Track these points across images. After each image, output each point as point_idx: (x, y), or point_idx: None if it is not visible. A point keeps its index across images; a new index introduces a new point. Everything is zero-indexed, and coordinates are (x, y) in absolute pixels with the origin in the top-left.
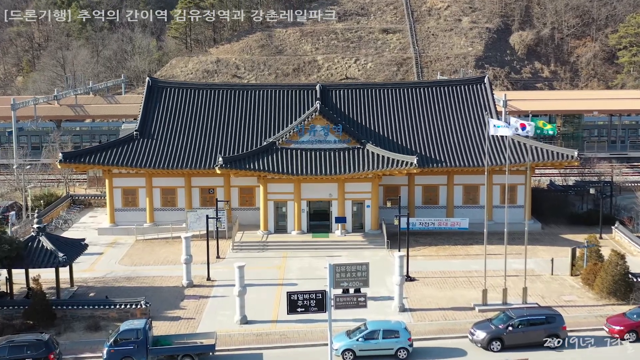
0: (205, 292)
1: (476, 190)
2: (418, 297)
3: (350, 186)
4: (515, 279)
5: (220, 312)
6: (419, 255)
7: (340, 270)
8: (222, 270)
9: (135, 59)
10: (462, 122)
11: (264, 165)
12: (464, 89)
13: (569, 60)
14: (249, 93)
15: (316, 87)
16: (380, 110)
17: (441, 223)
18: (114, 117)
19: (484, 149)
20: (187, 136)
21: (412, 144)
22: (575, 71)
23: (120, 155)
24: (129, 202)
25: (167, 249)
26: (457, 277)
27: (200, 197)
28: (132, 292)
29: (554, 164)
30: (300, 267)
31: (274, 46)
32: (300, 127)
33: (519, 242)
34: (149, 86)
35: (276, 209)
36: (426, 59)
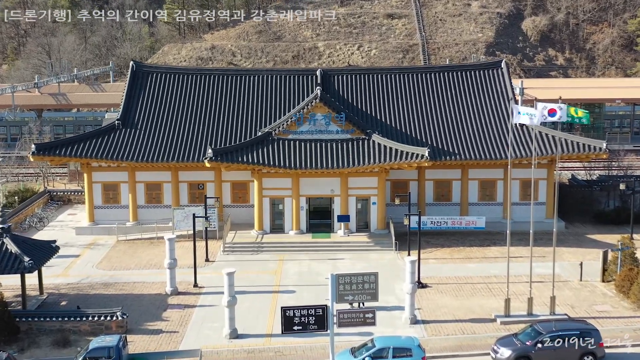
0: (192, 300)
1: (493, 185)
2: (431, 306)
3: (355, 181)
4: (539, 286)
5: (208, 324)
6: (430, 258)
7: (344, 281)
8: (211, 275)
9: (126, 45)
10: (477, 110)
11: (258, 158)
12: (478, 75)
13: (585, 47)
14: (243, 79)
15: (317, 72)
16: (388, 98)
17: (455, 222)
18: (101, 107)
19: (502, 139)
20: (175, 126)
21: (422, 134)
22: (592, 59)
23: (100, 146)
24: (109, 198)
25: (151, 251)
26: (475, 284)
27: (189, 193)
28: (109, 300)
29: (580, 157)
30: (298, 272)
31: (272, 32)
32: (298, 116)
33: (541, 243)
34: (133, 71)
35: (272, 207)
36: (433, 46)
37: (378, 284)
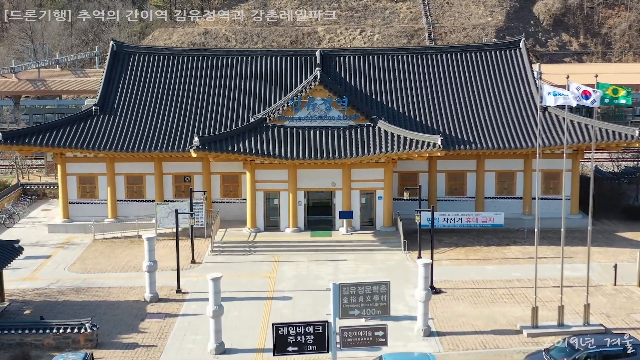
0: (174, 308)
1: (512, 177)
2: (447, 315)
3: (358, 173)
4: (568, 291)
5: (191, 336)
6: (444, 259)
7: (350, 292)
8: (196, 279)
9: (114, 30)
10: (494, 94)
11: (250, 147)
12: (494, 56)
13: (600, 32)
14: (235, 60)
15: (316, 53)
16: (395, 81)
17: (470, 219)
18: (84, 94)
19: (522, 126)
20: (159, 112)
21: (433, 120)
22: (608, 44)
23: (75, 134)
24: (85, 192)
25: (130, 251)
26: (495, 288)
27: (174, 187)
28: (80, 309)
29: (609, 146)
30: (295, 275)
31: (269, 15)
32: (296, 100)
33: (566, 242)
34: (114, 51)
35: (266, 202)
36: (440, 30)
37: (390, 295)
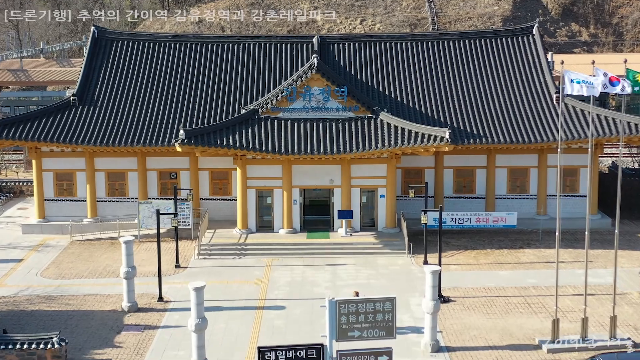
0: (154, 319)
1: (525, 174)
2: (457, 327)
3: (359, 169)
4: (590, 300)
5: (171, 352)
6: (452, 264)
7: (349, 310)
8: (180, 285)
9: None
10: (505, 84)
11: (241, 141)
12: (505, 42)
13: (611, 22)
14: (226, 48)
15: (313, 39)
16: (398, 70)
17: (480, 219)
18: (68, 84)
19: (537, 119)
20: (143, 103)
21: (439, 112)
22: (619, 34)
23: (52, 127)
24: (63, 190)
25: (110, 254)
26: (509, 297)
27: (159, 184)
28: (50, 320)
29: (632, 140)
30: (289, 282)
31: (265, 4)
32: (291, 90)
33: (585, 244)
34: (95, 37)
35: (259, 200)
36: (444, 20)
37: (395, 313)
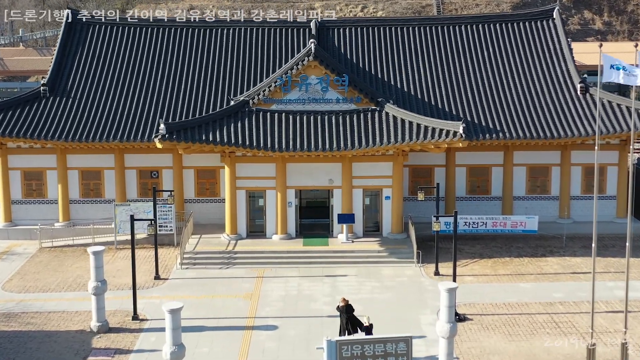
0: (127, 341)
1: (546, 173)
2: (476, 352)
3: (361, 168)
4: (622, 317)
5: None
6: (467, 275)
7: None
8: (159, 300)
9: (91, 6)
10: (524, 73)
11: (229, 136)
12: (523, 27)
13: (626, 10)
14: (214, 33)
15: (310, 24)
16: (405, 57)
17: (497, 223)
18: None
19: (559, 111)
20: (121, 94)
21: (450, 104)
22: (634, 22)
23: (19, 121)
24: (32, 190)
25: (82, 264)
26: (534, 314)
27: (139, 184)
28: (7, 342)
29: None
30: (283, 296)
31: None
32: (285, 79)
33: (614, 252)
34: (68, 22)
35: (249, 202)
36: (450, 7)
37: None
